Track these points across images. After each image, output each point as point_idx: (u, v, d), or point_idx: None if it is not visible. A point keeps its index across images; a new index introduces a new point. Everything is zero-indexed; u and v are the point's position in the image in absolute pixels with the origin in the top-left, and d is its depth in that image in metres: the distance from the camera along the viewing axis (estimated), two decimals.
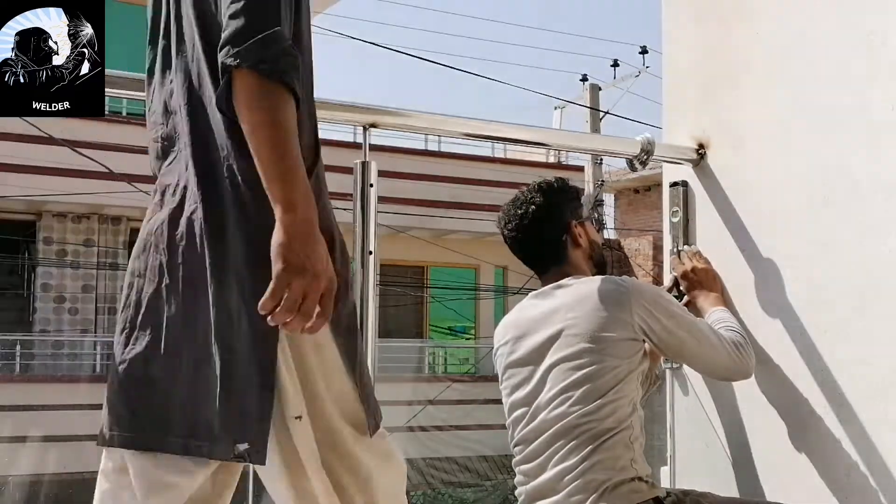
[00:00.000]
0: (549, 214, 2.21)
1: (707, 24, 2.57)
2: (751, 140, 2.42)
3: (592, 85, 14.39)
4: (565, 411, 2.03)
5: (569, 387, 2.04)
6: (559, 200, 2.24)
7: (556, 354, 2.08)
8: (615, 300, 2.07)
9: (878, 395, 2.11)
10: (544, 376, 2.09)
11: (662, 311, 2.09)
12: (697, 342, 2.14)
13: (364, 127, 2.11)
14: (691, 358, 2.20)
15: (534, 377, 2.11)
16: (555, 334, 2.09)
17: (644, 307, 2.07)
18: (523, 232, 2.22)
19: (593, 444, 2.00)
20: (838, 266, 2.20)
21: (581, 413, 2.02)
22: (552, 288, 2.18)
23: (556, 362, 2.07)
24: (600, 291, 2.09)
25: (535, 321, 2.15)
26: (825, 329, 2.22)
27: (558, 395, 2.05)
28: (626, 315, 2.05)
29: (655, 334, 2.09)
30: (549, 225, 2.21)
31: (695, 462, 2.54)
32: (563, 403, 2.04)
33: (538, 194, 2.23)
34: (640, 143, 2.45)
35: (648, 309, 2.08)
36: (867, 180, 2.15)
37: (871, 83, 2.17)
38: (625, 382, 2.04)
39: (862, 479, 2.12)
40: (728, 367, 2.18)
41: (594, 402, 2.02)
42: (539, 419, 2.07)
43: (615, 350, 2.04)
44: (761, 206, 2.38)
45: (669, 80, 2.67)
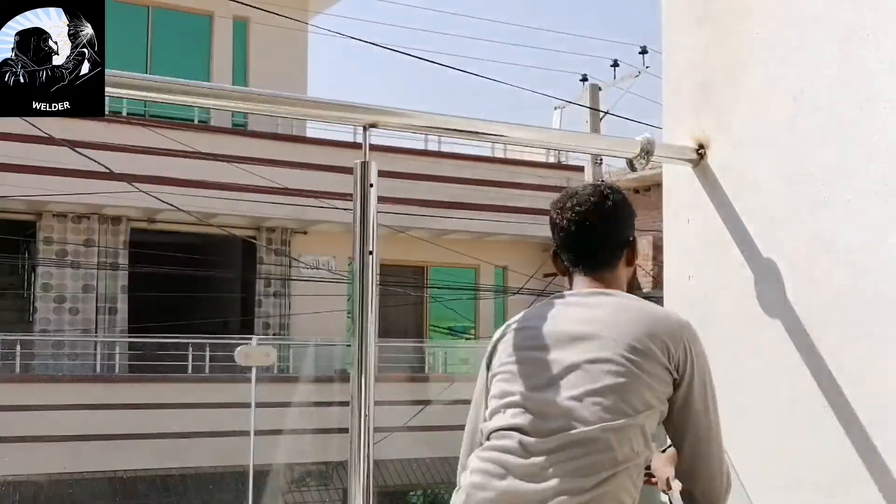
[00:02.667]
0: (626, 216, 2.05)
1: (707, 24, 2.57)
2: (751, 140, 2.42)
3: (592, 85, 14.38)
4: (590, 417, 1.78)
5: (598, 391, 1.80)
6: (632, 211, 2.07)
7: (591, 354, 1.84)
8: (669, 327, 1.87)
9: (878, 394, 2.11)
10: (568, 370, 1.84)
11: (704, 370, 1.90)
12: (708, 428, 1.91)
13: (364, 127, 2.11)
14: (691, 440, 1.92)
15: (552, 367, 1.85)
16: (592, 333, 1.86)
17: (694, 351, 1.88)
18: (599, 218, 1.99)
19: (609, 472, 1.77)
20: (838, 266, 2.20)
21: (607, 427, 1.77)
22: (596, 293, 1.96)
23: (590, 361, 1.83)
24: (655, 312, 1.91)
25: (572, 318, 1.91)
26: (825, 329, 2.22)
27: (585, 396, 1.80)
28: (673, 345, 1.85)
29: (681, 386, 1.87)
30: (624, 225, 2.04)
31: None
32: (588, 407, 1.79)
33: (618, 193, 2.04)
34: (639, 143, 2.45)
35: (694, 357, 1.87)
36: (867, 180, 2.15)
37: (871, 83, 2.17)
38: (651, 411, 1.83)
39: (862, 478, 2.12)
40: (712, 479, 1.94)
41: (622, 420, 1.79)
42: (552, 415, 1.80)
43: (652, 369, 1.82)
44: (761, 205, 2.38)
45: (669, 80, 2.67)
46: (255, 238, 14.82)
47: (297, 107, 2.41)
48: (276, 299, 15.06)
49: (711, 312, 2.48)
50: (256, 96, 2.32)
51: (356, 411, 2.00)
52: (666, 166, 2.65)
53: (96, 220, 13.92)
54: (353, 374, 2.01)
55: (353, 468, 2.00)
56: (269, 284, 15.07)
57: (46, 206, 13.43)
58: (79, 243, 13.84)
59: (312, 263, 14.59)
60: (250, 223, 14.81)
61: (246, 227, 14.83)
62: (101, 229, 14.00)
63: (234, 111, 12.15)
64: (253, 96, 2.38)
